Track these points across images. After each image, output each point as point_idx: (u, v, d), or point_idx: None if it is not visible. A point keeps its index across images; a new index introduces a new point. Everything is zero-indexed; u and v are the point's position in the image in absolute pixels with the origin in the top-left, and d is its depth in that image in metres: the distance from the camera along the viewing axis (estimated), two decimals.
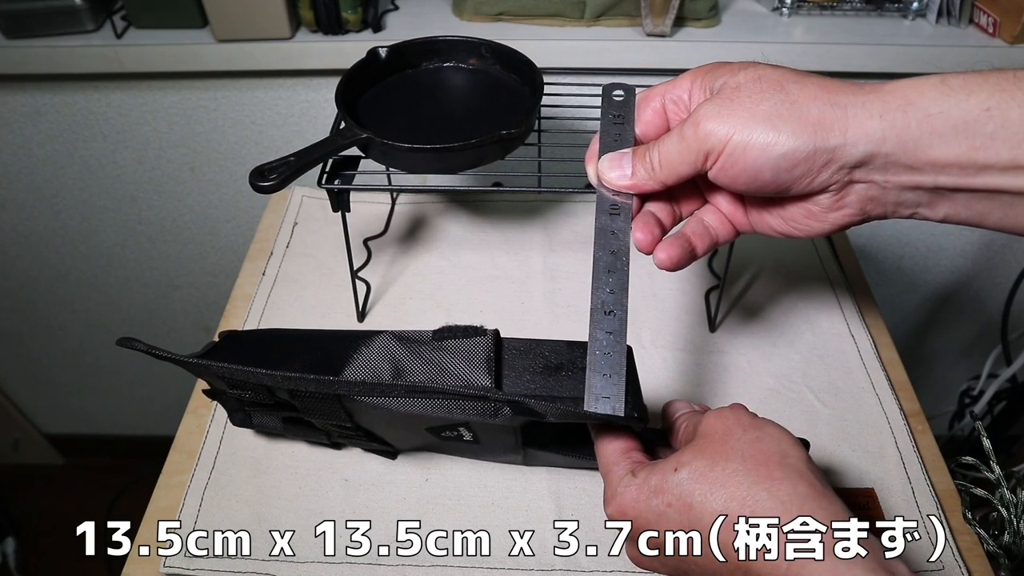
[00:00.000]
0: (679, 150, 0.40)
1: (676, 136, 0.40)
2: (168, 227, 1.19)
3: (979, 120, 0.34)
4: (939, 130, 0.35)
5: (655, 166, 0.41)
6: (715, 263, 0.72)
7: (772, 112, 0.37)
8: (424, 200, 0.80)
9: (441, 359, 0.45)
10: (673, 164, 0.40)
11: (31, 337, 1.40)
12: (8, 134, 1.05)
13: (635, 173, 0.42)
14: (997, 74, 0.34)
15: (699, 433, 0.39)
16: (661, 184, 0.42)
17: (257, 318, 0.68)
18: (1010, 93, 0.34)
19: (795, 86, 0.37)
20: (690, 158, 0.39)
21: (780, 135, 0.36)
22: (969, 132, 0.34)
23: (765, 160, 0.37)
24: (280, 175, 0.53)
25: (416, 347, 0.46)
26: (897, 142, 0.36)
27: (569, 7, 0.91)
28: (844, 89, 0.37)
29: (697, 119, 0.38)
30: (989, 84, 0.34)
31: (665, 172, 0.41)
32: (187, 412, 0.61)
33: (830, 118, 0.36)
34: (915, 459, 0.56)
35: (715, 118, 0.38)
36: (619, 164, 0.43)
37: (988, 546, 0.52)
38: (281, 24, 0.90)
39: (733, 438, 0.38)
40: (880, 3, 0.93)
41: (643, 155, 0.42)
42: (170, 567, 0.50)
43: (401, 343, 0.46)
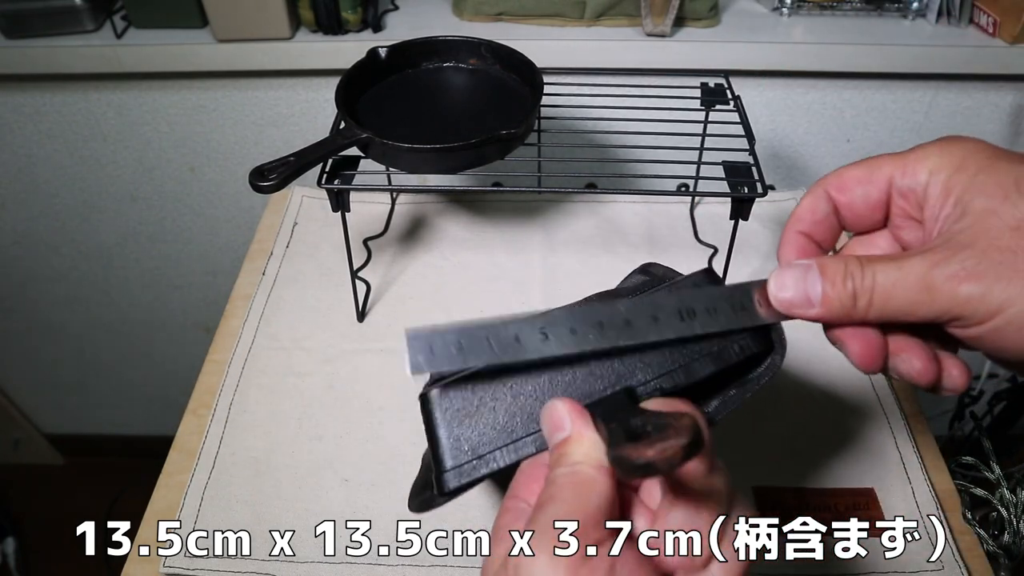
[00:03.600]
0: (912, 300, 0.29)
1: (912, 279, 0.29)
2: (168, 227, 1.19)
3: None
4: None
5: (864, 303, 0.30)
6: (715, 263, 0.72)
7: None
8: (424, 200, 0.80)
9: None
10: (894, 310, 0.29)
11: (31, 337, 1.39)
12: (8, 134, 1.05)
13: (827, 301, 0.30)
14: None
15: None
16: (862, 323, 0.31)
17: (257, 318, 0.68)
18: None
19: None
20: (924, 312, 0.29)
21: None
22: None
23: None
24: (280, 175, 0.53)
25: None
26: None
27: (569, 7, 0.91)
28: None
29: (953, 274, 0.28)
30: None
31: (877, 313, 0.30)
32: (187, 412, 0.61)
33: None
34: (915, 459, 0.56)
35: (980, 279, 0.27)
36: (801, 283, 0.31)
37: (988, 546, 0.52)
38: (281, 24, 0.90)
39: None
40: (880, 3, 0.93)
41: (844, 276, 0.30)
42: (170, 567, 0.50)
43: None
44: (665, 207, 0.80)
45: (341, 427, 0.59)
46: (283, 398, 0.61)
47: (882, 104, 0.98)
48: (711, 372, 0.33)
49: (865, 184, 0.33)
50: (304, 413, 0.60)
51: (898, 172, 0.32)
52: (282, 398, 0.61)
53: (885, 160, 0.33)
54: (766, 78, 0.95)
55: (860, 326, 0.31)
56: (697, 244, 0.75)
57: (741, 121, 0.62)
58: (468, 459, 0.33)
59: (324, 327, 0.67)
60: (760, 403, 0.60)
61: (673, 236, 0.76)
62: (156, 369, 1.45)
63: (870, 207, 0.33)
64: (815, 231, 0.34)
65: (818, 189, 0.34)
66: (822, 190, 0.34)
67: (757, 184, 0.56)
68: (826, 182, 0.34)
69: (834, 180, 0.34)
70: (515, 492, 0.32)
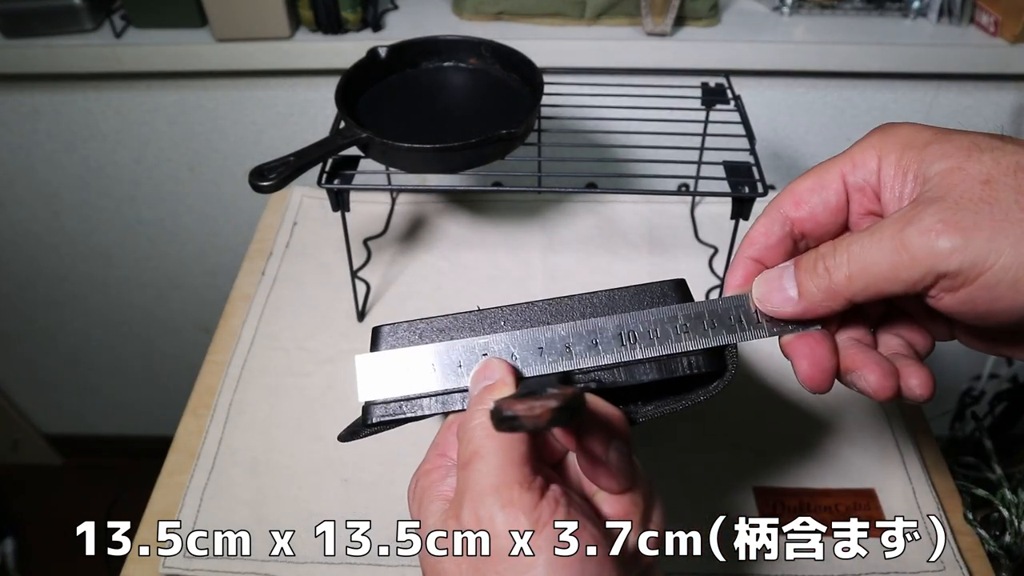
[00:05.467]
0: (891, 262, 0.27)
1: (887, 242, 0.28)
2: (168, 227, 1.18)
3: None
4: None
5: (841, 277, 0.29)
6: (715, 263, 0.72)
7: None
8: (424, 200, 0.80)
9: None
10: (874, 278, 0.28)
11: (30, 337, 1.39)
12: (7, 134, 1.05)
13: (804, 291, 0.30)
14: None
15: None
16: (846, 303, 0.30)
17: (257, 318, 0.67)
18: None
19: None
20: (906, 275, 0.27)
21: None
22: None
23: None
24: (280, 175, 0.53)
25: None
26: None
27: (569, 6, 0.90)
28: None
29: (928, 227, 0.26)
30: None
31: (859, 286, 0.29)
32: (187, 412, 0.61)
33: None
34: (916, 459, 0.56)
35: (960, 230, 0.26)
36: (779, 285, 0.31)
37: (989, 546, 0.52)
38: (281, 23, 0.89)
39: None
40: (881, 2, 0.93)
41: (814, 263, 0.30)
42: (170, 567, 0.50)
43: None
44: (665, 207, 0.79)
45: (341, 427, 0.59)
46: (283, 398, 0.61)
47: (883, 104, 0.97)
48: (652, 379, 0.33)
49: (819, 191, 0.32)
50: (304, 413, 0.60)
51: (847, 168, 0.32)
52: (282, 398, 0.61)
53: (832, 162, 0.32)
54: (766, 78, 0.95)
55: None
56: (697, 244, 0.75)
57: (742, 121, 0.62)
58: (397, 399, 0.34)
59: (324, 327, 0.67)
60: (760, 403, 0.60)
61: (673, 236, 0.76)
62: (156, 369, 1.44)
63: (830, 212, 0.32)
64: (766, 255, 0.33)
65: (772, 211, 0.33)
66: (776, 211, 0.33)
67: (758, 184, 0.56)
68: (780, 203, 0.33)
69: (787, 198, 0.33)
70: (443, 450, 0.33)
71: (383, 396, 0.34)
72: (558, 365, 0.33)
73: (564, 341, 0.33)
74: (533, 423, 0.25)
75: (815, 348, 0.31)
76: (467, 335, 0.35)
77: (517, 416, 0.25)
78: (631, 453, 0.30)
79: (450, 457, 0.33)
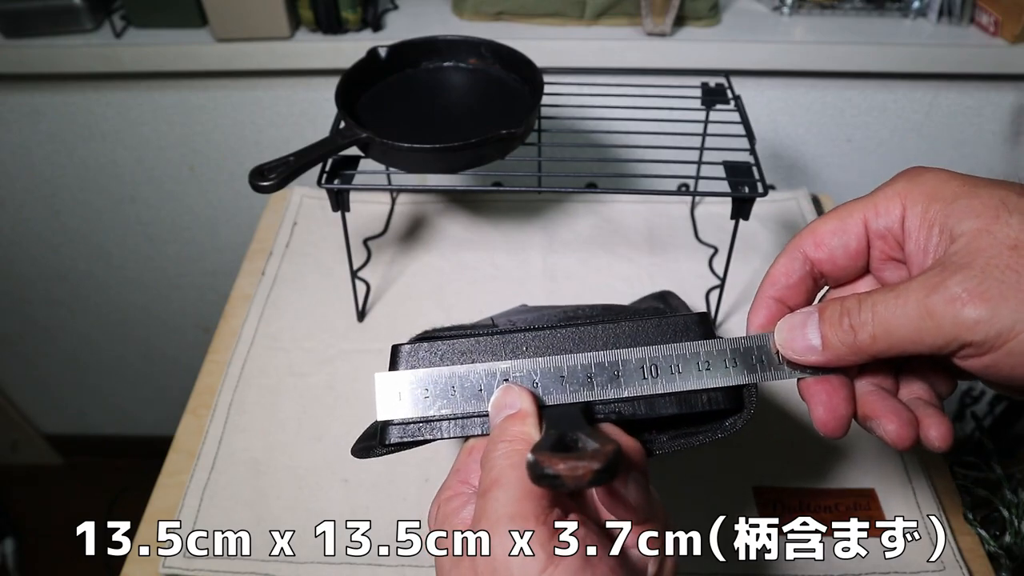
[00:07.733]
0: (916, 327, 0.27)
1: (912, 306, 0.27)
2: (167, 227, 1.18)
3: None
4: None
5: (866, 336, 0.29)
6: (715, 263, 0.72)
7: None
8: (424, 200, 0.80)
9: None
10: (899, 340, 0.28)
11: (30, 337, 1.39)
12: (7, 134, 1.05)
13: (827, 344, 0.30)
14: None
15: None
16: (870, 359, 0.30)
17: (256, 318, 0.67)
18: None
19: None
20: (931, 340, 0.27)
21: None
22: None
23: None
24: (279, 175, 0.53)
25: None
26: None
27: (569, 6, 0.90)
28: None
29: (954, 296, 0.26)
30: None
31: (883, 346, 0.28)
32: (187, 412, 0.61)
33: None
34: (916, 459, 0.56)
35: (986, 301, 0.26)
36: (803, 333, 0.31)
37: (989, 546, 0.52)
38: (280, 23, 0.89)
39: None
40: (881, 2, 0.93)
41: (841, 315, 0.30)
42: (170, 567, 0.50)
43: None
44: (665, 207, 0.79)
45: (341, 427, 0.59)
46: (283, 398, 0.61)
47: (883, 104, 0.97)
48: (672, 413, 0.34)
49: (840, 234, 0.32)
50: (304, 413, 0.60)
51: (871, 214, 0.31)
52: (282, 398, 0.61)
53: (855, 205, 0.32)
54: (766, 78, 0.95)
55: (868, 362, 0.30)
56: (697, 244, 0.75)
57: (742, 121, 0.62)
58: (416, 420, 0.34)
59: (324, 327, 0.67)
60: (761, 404, 0.60)
61: (673, 236, 0.76)
62: (155, 369, 1.44)
63: (850, 256, 0.32)
64: (788, 295, 0.33)
65: (793, 250, 0.33)
66: (797, 251, 0.33)
67: (758, 184, 0.56)
68: (801, 242, 0.33)
69: (808, 238, 0.33)
70: (464, 476, 0.33)
71: (401, 416, 0.34)
72: (579, 395, 0.33)
73: (586, 371, 0.33)
74: (575, 483, 0.25)
75: (832, 395, 0.31)
76: (488, 359, 0.35)
77: (559, 476, 0.25)
78: (648, 484, 0.30)
79: (471, 484, 0.32)
